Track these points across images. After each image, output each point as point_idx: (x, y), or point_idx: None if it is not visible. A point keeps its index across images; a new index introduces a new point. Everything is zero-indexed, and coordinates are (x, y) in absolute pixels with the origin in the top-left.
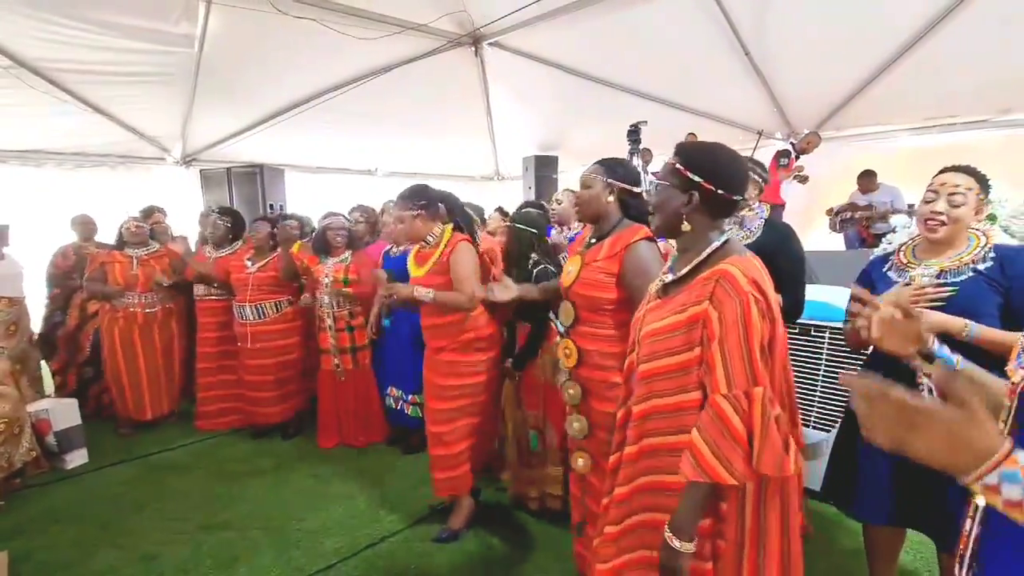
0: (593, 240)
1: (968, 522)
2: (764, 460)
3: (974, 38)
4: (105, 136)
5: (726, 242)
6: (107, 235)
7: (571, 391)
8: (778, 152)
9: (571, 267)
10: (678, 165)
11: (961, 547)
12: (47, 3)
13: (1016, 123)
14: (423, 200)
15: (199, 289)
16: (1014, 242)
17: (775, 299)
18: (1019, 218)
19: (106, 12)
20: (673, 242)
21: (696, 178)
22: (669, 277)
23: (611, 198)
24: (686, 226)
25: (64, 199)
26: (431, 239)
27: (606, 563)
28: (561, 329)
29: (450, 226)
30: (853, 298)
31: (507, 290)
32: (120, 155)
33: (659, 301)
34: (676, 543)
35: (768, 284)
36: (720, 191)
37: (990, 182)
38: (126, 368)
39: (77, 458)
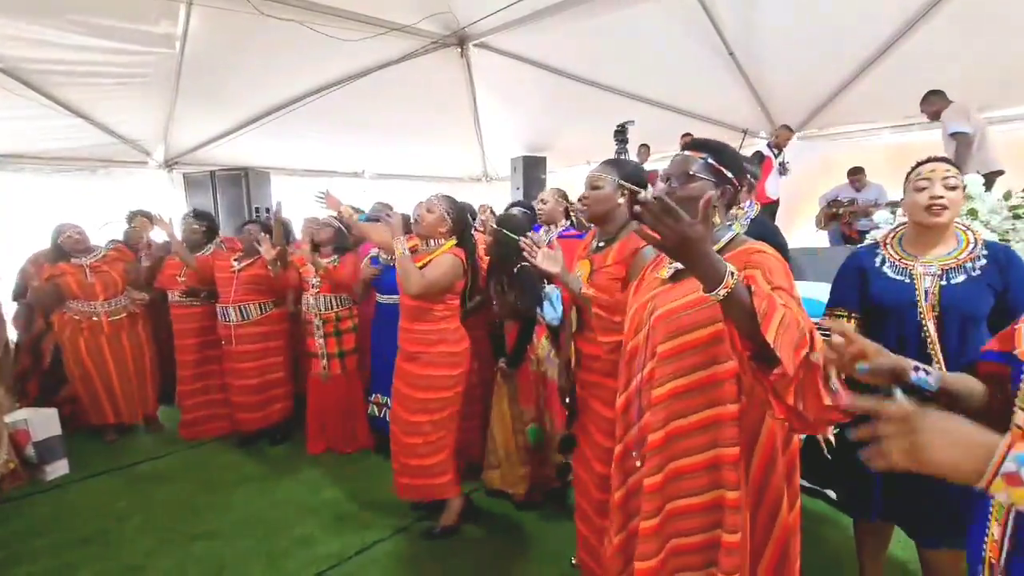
0: (601, 244)
1: (997, 528)
2: (837, 394)
3: (951, 37)
4: (85, 140)
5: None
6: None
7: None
8: (753, 155)
9: (579, 272)
10: (711, 161)
11: (990, 553)
12: (22, 4)
13: (994, 120)
14: (457, 214)
15: (172, 295)
16: (994, 237)
17: None
18: (998, 213)
19: (85, 13)
20: None
21: (730, 174)
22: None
23: (622, 200)
24: (716, 219)
25: (43, 205)
26: (432, 244)
27: (647, 560)
28: (548, 322)
29: (453, 241)
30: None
31: (554, 261)
32: (101, 159)
33: (669, 286)
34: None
35: None
36: (743, 188)
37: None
38: (98, 375)
39: (58, 469)
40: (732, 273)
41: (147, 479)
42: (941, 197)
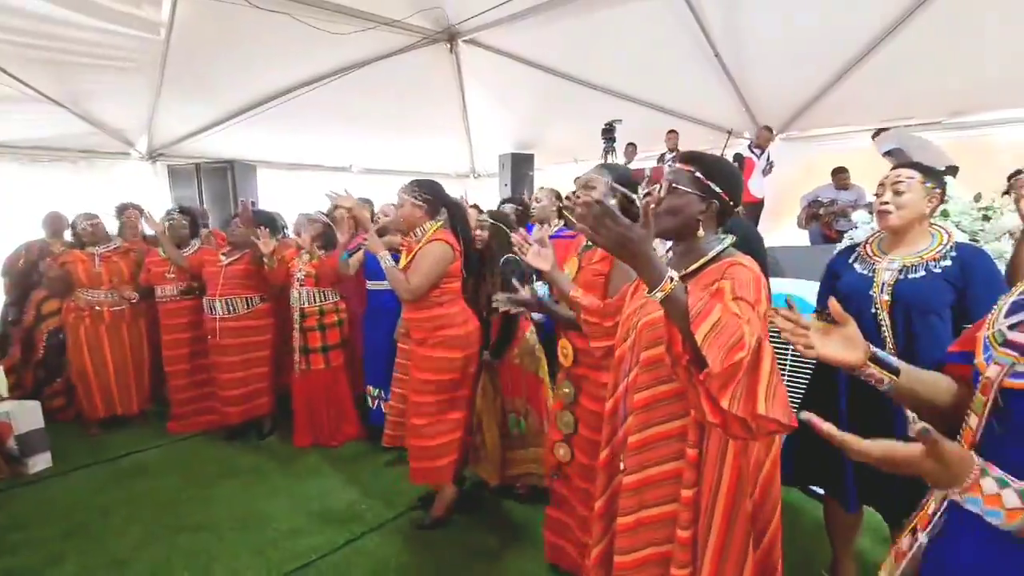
0: (590, 243)
1: (933, 504)
2: (776, 405)
3: (927, 45)
4: (65, 129)
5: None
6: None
7: (565, 390)
8: (734, 156)
9: (568, 269)
10: (698, 174)
11: (918, 523)
12: None
13: (966, 125)
14: (429, 195)
15: (162, 290)
16: (964, 237)
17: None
18: (968, 214)
19: None
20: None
21: (717, 188)
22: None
23: (613, 201)
24: (701, 231)
25: (20, 196)
26: (419, 232)
27: (627, 554)
28: (536, 318)
29: (439, 224)
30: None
31: (544, 259)
32: (81, 149)
33: None
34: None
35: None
36: (731, 202)
37: (944, 175)
38: (93, 366)
39: (40, 462)
40: (671, 278)
41: (131, 473)
42: (886, 203)
